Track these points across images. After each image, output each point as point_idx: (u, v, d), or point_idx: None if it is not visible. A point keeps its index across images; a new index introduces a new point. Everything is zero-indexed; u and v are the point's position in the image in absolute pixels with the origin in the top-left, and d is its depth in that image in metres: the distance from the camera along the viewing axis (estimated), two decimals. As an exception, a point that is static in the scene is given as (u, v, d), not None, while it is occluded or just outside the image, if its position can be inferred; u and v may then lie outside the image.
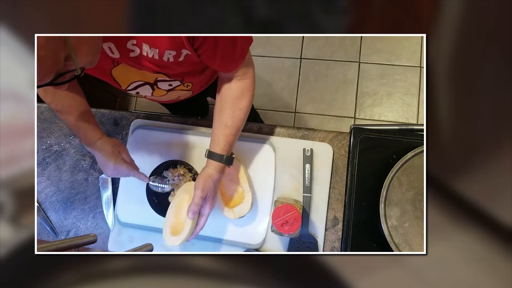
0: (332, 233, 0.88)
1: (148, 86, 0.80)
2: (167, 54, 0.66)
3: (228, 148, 0.79)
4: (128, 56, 0.66)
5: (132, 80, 0.78)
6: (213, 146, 0.79)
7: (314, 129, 0.93)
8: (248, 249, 0.90)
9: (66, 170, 1.01)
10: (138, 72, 0.73)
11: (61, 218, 0.99)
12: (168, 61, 0.67)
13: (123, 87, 0.81)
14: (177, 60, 0.68)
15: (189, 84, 0.86)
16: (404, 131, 0.88)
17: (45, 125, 1.04)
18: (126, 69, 0.72)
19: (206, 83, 0.97)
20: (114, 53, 0.66)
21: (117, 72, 0.75)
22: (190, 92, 0.92)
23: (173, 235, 0.78)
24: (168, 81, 0.80)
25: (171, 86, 0.82)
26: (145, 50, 0.64)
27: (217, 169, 0.79)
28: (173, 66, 0.71)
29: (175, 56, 0.67)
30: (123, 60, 0.69)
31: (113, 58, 0.68)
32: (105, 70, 0.74)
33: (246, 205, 0.86)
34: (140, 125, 0.99)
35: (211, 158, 0.79)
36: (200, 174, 0.79)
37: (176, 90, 0.86)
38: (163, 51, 0.65)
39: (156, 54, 0.65)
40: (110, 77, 0.76)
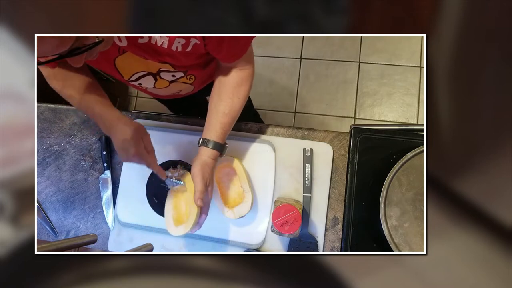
0: (332, 233, 0.88)
1: (151, 76, 0.79)
2: (176, 43, 0.65)
3: (223, 136, 0.78)
4: (136, 42, 0.65)
5: (135, 71, 0.77)
6: (208, 134, 0.77)
7: (314, 129, 0.93)
8: (248, 249, 0.90)
9: (66, 170, 1.01)
10: (142, 62, 0.72)
11: (61, 218, 0.99)
12: (176, 50, 0.67)
13: (126, 78, 0.79)
14: (185, 50, 0.68)
15: (192, 77, 0.85)
16: (404, 131, 0.88)
17: (45, 125, 1.04)
18: (130, 58, 0.71)
19: (208, 79, 0.96)
20: (122, 41, 0.66)
21: (121, 62, 0.74)
22: (192, 86, 0.92)
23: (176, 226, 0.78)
24: (172, 72, 0.78)
25: (174, 77, 0.81)
26: (155, 38, 0.64)
27: (212, 156, 0.77)
28: (180, 56, 0.70)
29: (184, 45, 0.66)
30: (130, 49, 0.68)
31: (119, 46, 0.68)
32: (109, 59, 0.73)
33: (246, 205, 0.86)
34: (140, 125, 0.99)
35: (206, 146, 0.77)
36: (195, 163, 0.76)
37: (179, 82, 0.85)
38: (173, 39, 0.64)
39: (165, 43, 0.64)
40: (113, 67, 0.75)
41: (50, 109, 1.04)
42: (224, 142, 0.79)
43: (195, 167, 0.75)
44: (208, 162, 0.77)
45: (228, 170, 0.89)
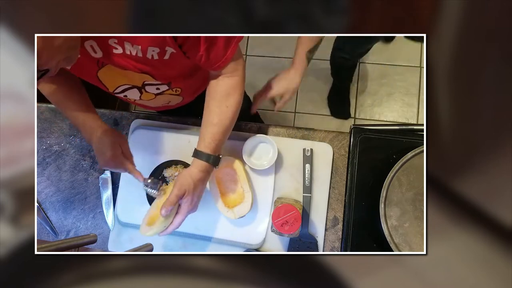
0: (332, 233, 0.88)
1: (136, 89, 0.78)
2: (151, 51, 0.64)
3: (213, 146, 0.75)
4: (112, 53, 0.64)
5: (119, 83, 0.76)
6: (199, 145, 0.76)
7: (314, 129, 0.93)
8: (248, 249, 0.90)
9: (66, 170, 1.01)
10: (124, 74, 0.71)
11: (61, 218, 0.99)
12: (152, 58, 0.66)
13: (111, 90, 0.79)
14: (163, 58, 0.67)
15: (178, 89, 0.84)
16: (404, 131, 0.88)
17: (45, 125, 1.04)
18: (112, 71, 0.70)
19: (197, 90, 0.94)
20: (97, 52, 0.65)
21: (103, 75, 0.73)
22: (180, 97, 0.90)
23: (147, 225, 0.76)
24: (156, 85, 0.78)
25: (159, 90, 0.80)
26: (128, 48, 0.63)
27: (200, 168, 0.75)
28: (159, 65, 0.69)
29: (160, 53, 0.65)
30: (107, 61, 0.67)
31: (97, 59, 0.67)
32: (91, 73, 0.72)
33: (246, 205, 0.86)
34: (140, 125, 0.99)
35: (195, 157, 0.76)
36: (182, 172, 0.76)
37: (165, 95, 0.84)
38: (146, 47, 0.63)
39: (139, 51, 0.64)
40: (97, 79, 0.75)
41: (50, 109, 1.04)
42: (218, 153, 0.77)
43: (178, 176, 0.76)
44: (193, 173, 0.75)
45: (228, 170, 0.89)
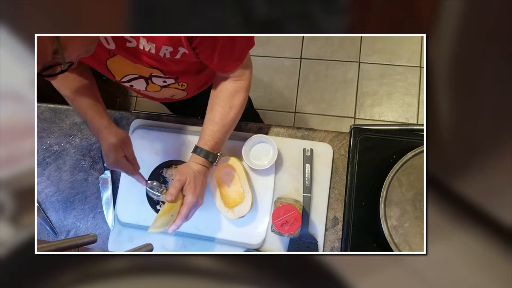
0: (332, 233, 0.88)
1: (143, 80, 0.80)
2: (164, 50, 0.66)
3: (212, 144, 0.77)
4: (125, 46, 0.66)
5: (126, 73, 0.78)
6: (198, 141, 0.79)
7: (314, 129, 0.93)
8: (248, 249, 0.90)
9: (66, 170, 1.01)
10: (133, 65, 0.73)
11: (61, 218, 0.99)
12: (164, 56, 0.67)
13: (117, 78, 0.80)
14: (174, 57, 0.68)
15: (184, 84, 0.86)
16: (404, 131, 0.88)
17: (45, 125, 1.04)
18: (121, 61, 0.72)
19: (202, 86, 0.96)
20: (110, 44, 0.66)
21: (112, 64, 0.74)
22: (185, 92, 0.92)
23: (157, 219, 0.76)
24: (163, 78, 0.79)
25: (165, 83, 0.82)
26: (142, 43, 0.64)
27: (198, 162, 0.77)
28: (169, 63, 0.70)
29: (172, 52, 0.67)
30: (119, 52, 0.69)
31: (109, 49, 0.68)
32: (101, 60, 0.74)
33: (246, 205, 0.86)
34: (140, 125, 0.99)
35: (194, 152, 0.78)
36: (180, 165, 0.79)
37: (171, 88, 0.86)
38: (160, 46, 0.65)
39: (153, 49, 0.65)
40: (105, 67, 0.76)
41: (50, 109, 1.04)
42: (216, 151, 0.79)
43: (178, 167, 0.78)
44: (191, 165, 0.77)
45: (228, 170, 0.89)
